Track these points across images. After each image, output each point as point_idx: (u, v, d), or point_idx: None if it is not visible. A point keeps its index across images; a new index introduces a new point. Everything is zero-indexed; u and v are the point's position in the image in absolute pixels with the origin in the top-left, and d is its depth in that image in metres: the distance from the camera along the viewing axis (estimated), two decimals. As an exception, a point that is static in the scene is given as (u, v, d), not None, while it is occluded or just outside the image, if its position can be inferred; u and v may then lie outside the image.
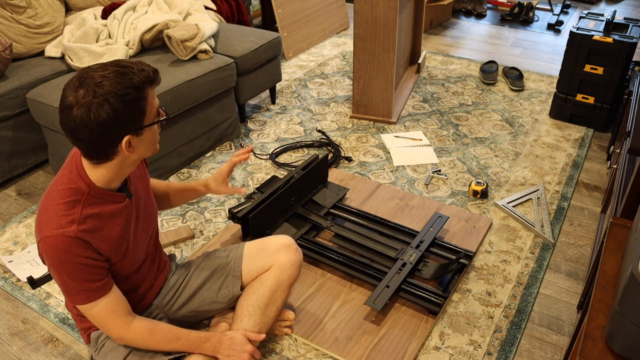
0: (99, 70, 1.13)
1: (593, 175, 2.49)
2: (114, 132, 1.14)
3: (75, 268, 1.20)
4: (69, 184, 1.22)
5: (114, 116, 1.11)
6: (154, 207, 1.47)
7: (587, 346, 1.00)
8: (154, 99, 1.21)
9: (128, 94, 1.12)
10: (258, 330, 1.52)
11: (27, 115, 2.41)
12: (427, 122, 2.94)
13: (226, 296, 1.57)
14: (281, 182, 2.11)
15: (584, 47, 2.69)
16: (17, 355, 1.68)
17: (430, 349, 1.66)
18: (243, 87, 2.78)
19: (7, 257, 2.03)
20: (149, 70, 1.17)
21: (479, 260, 2.00)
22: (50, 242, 1.17)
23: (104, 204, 1.25)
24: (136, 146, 1.20)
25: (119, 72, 1.13)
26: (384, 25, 2.66)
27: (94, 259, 1.23)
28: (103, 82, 1.11)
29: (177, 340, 1.38)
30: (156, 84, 1.20)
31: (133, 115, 1.15)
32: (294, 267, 1.58)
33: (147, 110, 1.18)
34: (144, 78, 1.15)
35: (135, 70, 1.15)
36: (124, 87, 1.12)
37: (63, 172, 1.25)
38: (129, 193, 1.32)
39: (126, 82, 1.12)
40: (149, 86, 1.17)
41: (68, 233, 1.17)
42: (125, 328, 1.31)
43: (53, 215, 1.19)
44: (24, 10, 2.58)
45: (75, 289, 1.23)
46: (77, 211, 1.20)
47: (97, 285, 1.25)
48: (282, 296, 1.57)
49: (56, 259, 1.18)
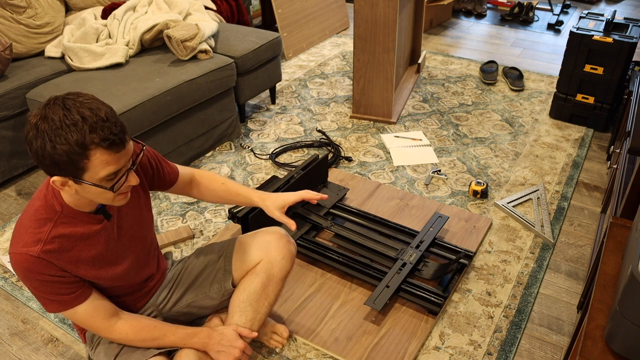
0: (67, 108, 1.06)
1: (593, 175, 2.49)
2: (44, 167, 1.10)
3: (42, 285, 1.20)
4: (45, 200, 1.21)
5: (42, 154, 1.07)
6: (144, 222, 1.42)
7: (587, 346, 1.00)
8: (108, 164, 1.10)
9: (62, 144, 1.05)
10: (250, 326, 1.50)
11: (27, 115, 2.40)
12: (427, 122, 2.94)
13: (219, 291, 1.55)
14: (281, 182, 2.11)
15: (584, 47, 2.69)
16: (17, 355, 1.68)
17: (430, 349, 1.66)
18: (243, 87, 2.78)
19: (7, 257, 2.03)
20: (103, 135, 1.07)
21: (479, 260, 2.00)
22: (15, 258, 1.18)
23: (77, 224, 1.22)
24: (78, 190, 1.14)
25: (72, 121, 1.05)
26: (384, 25, 2.66)
27: (61, 276, 1.21)
28: (54, 119, 1.05)
29: (164, 336, 1.37)
30: (113, 150, 1.09)
31: (65, 166, 1.08)
32: (285, 260, 1.53)
33: (88, 168, 1.09)
34: (89, 139, 1.06)
35: (88, 126, 1.06)
36: (62, 137, 1.05)
37: (41, 188, 1.24)
38: (107, 214, 1.28)
39: (68, 134, 1.05)
40: (96, 148, 1.07)
41: (31, 252, 1.16)
42: (109, 329, 1.31)
43: (23, 231, 1.19)
44: (24, 10, 2.57)
45: (45, 300, 1.24)
46: (46, 230, 1.18)
47: (68, 297, 1.24)
48: (274, 290, 1.54)
49: (22, 274, 1.19)
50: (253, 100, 3.22)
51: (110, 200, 1.19)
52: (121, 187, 1.17)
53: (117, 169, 1.13)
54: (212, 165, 2.57)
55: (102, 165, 1.10)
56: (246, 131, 2.87)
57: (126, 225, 1.35)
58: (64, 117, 1.05)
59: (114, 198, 1.19)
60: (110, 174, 1.12)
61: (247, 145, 2.74)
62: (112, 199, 1.19)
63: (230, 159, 2.63)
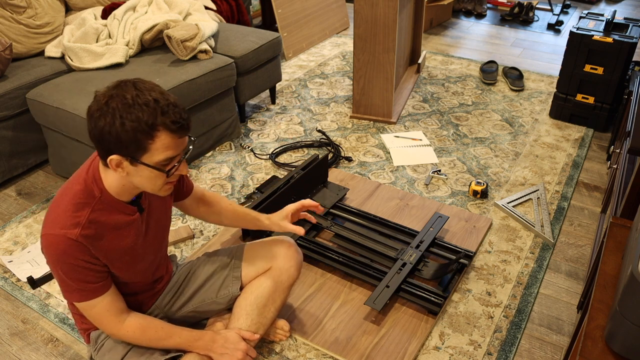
0: (138, 89, 1.11)
1: (593, 175, 2.49)
2: (105, 144, 1.13)
3: (73, 269, 1.21)
4: (84, 184, 1.22)
5: (108, 130, 1.10)
6: (167, 222, 1.46)
7: (587, 346, 1.00)
8: (169, 148, 1.15)
9: (132, 121, 1.09)
10: (255, 330, 1.51)
11: (27, 115, 2.41)
12: (427, 122, 2.94)
13: (226, 296, 1.57)
14: (281, 182, 2.11)
15: (584, 47, 2.69)
16: (17, 355, 1.68)
17: (430, 349, 1.66)
18: (243, 87, 2.78)
19: (7, 257, 2.03)
20: (173, 118, 1.12)
21: (479, 260, 2.00)
22: (51, 240, 1.18)
23: (112, 212, 1.25)
24: (130, 172, 1.17)
25: (144, 101, 1.10)
26: (384, 25, 2.66)
27: (93, 263, 1.23)
28: (125, 99, 1.10)
29: (169, 337, 1.38)
30: (178, 134, 1.14)
31: (128, 142, 1.11)
32: (293, 269, 1.58)
33: (149, 149, 1.13)
34: (160, 120, 1.11)
35: (160, 108, 1.11)
36: (133, 115, 1.09)
37: (81, 171, 1.25)
38: (140, 208, 1.32)
39: (139, 112, 1.09)
40: (163, 130, 1.12)
41: (70, 235, 1.18)
42: (118, 326, 1.32)
43: (61, 213, 1.19)
44: (24, 10, 2.57)
45: (71, 287, 1.24)
46: (84, 215, 1.20)
47: (93, 286, 1.25)
48: (280, 297, 1.57)
49: (55, 257, 1.19)
50: (253, 100, 3.22)
51: (158, 187, 1.21)
52: (173, 174, 1.20)
53: (174, 154, 1.17)
54: (212, 165, 2.57)
55: (163, 148, 1.14)
56: (246, 131, 2.87)
57: (152, 223, 1.38)
58: (136, 97, 1.10)
59: (162, 186, 1.22)
60: (168, 158, 1.16)
61: (247, 145, 2.74)
62: (160, 186, 1.21)
63: (230, 159, 2.63)
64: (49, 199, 2.37)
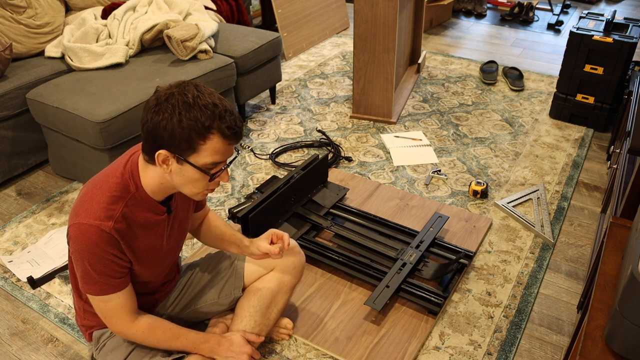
0: (199, 91, 1.14)
1: (593, 175, 2.49)
2: (158, 139, 1.14)
3: (100, 261, 1.21)
4: (121, 178, 1.22)
5: (164, 125, 1.12)
6: (187, 228, 1.47)
7: (587, 346, 1.00)
8: (218, 153, 1.16)
9: (189, 120, 1.11)
10: (258, 331, 1.52)
11: (27, 115, 2.41)
12: (427, 122, 2.94)
13: (227, 297, 1.57)
14: (281, 182, 2.11)
15: (584, 47, 2.69)
16: (17, 355, 1.68)
17: (430, 349, 1.66)
18: (243, 87, 2.78)
19: (7, 257, 2.03)
20: (229, 124, 1.14)
21: (479, 260, 2.00)
22: (83, 229, 1.17)
23: (143, 210, 1.25)
24: (174, 171, 1.18)
25: (204, 103, 1.12)
26: (384, 25, 2.66)
27: (119, 257, 1.24)
28: (187, 98, 1.12)
29: (176, 339, 1.38)
30: (229, 141, 1.16)
31: (181, 140, 1.13)
32: (296, 270, 1.58)
33: (199, 150, 1.15)
34: (216, 124, 1.13)
35: (218, 113, 1.13)
36: (192, 114, 1.11)
37: (118, 164, 1.25)
38: (169, 209, 1.32)
39: (198, 113, 1.11)
40: (217, 134, 1.14)
41: (104, 227, 1.18)
42: (129, 324, 1.32)
43: (95, 204, 1.19)
44: (24, 10, 2.58)
45: (93, 279, 1.23)
46: (119, 208, 1.20)
47: (116, 281, 1.26)
48: (283, 298, 1.57)
49: (85, 247, 1.18)
50: (253, 100, 3.22)
51: (197, 191, 1.22)
52: (215, 180, 1.22)
53: (221, 159, 1.19)
54: (212, 165, 2.57)
55: (212, 152, 1.15)
56: (246, 131, 2.87)
57: (176, 226, 1.39)
58: (197, 98, 1.13)
59: (202, 191, 1.23)
60: (214, 162, 1.18)
61: (247, 145, 2.74)
62: (200, 190, 1.22)
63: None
64: (49, 199, 2.37)
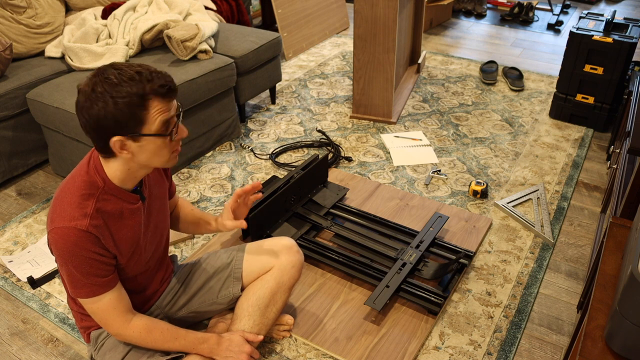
0: (118, 69, 1.14)
1: (593, 175, 2.49)
2: (104, 129, 1.15)
3: (84, 262, 1.21)
4: (86, 176, 1.23)
5: (104, 114, 1.12)
6: (166, 213, 1.47)
7: (587, 346, 1.00)
8: (163, 112, 1.17)
9: (123, 98, 1.12)
10: (257, 331, 1.52)
11: (27, 115, 2.41)
12: (427, 122, 2.94)
13: (226, 297, 1.57)
14: (281, 182, 2.11)
15: (584, 47, 2.69)
16: (17, 355, 1.68)
17: (430, 349, 1.66)
18: (243, 87, 2.78)
19: (7, 257, 2.03)
20: (159, 83, 1.15)
21: (479, 260, 2.00)
22: (61, 233, 1.17)
23: (115, 202, 1.26)
24: (135, 151, 1.19)
25: (129, 76, 1.13)
26: (384, 25, 2.66)
27: (102, 254, 1.24)
28: (110, 80, 1.12)
29: (175, 340, 1.38)
30: (168, 97, 1.17)
31: (125, 119, 1.13)
32: (294, 269, 1.58)
33: (146, 119, 1.15)
34: (149, 88, 1.14)
35: (145, 78, 1.14)
36: (122, 91, 1.12)
37: (82, 164, 1.26)
38: (142, 196, 1.32)
39: (127, 87, 1.12)
40: (154, 97, 1.15)
41: (80, 226, 1.18)
42: (124, 325, 1.32)
43: (67, 206, 1.19)
44: (24, 10, 2.58)
45: (81, 282, 1.23)
46: (91, 204, 1.21)
47: (103, 280, 1.25)
48: (282, 298, 1.57)
49: (66, 250, 1.18)
50: (253, 100, 3.22)
51: (166, 158, 1.23)
52: (175, 138, 1.22)
53: (169, 116, 1.19)
54: (212, 165, 2.57)
55: (158, 114, 1.16)
56: (246, 131, 2.87)
57: (154, 214, 1.39)
58: (120, 75, 1.13)
59: (169, 156, 1.24)
60: (165, 121, 1.18)
61: (247, 145, 2.74)
62: (168, 155, 1.23)
63: (230, 159, 2.63)
64: (49, 199, 2.37)
